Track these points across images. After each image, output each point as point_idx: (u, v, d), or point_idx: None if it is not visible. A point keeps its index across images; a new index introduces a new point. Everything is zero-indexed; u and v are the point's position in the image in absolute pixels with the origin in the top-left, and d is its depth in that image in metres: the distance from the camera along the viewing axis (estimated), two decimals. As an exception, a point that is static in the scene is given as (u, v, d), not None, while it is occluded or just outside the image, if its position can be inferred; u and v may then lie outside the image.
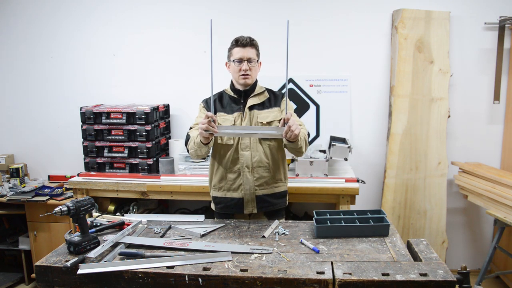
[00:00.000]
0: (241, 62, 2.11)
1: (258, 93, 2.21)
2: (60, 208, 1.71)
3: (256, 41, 2.18)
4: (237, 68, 2.12)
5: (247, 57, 2.11)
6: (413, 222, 3.15)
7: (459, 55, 3.09)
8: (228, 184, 2.19)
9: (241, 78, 2.13)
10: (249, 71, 2.12)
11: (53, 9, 3.34)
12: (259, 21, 3.17)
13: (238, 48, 2.12)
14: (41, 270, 1.62)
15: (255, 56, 2.14)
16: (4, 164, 3.46)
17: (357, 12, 3.11)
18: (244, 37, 2.13)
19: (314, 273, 1.50)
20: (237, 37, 2.14)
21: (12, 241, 3.32)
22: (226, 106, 2.20)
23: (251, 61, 2.12)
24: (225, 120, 2.16)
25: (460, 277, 1.57)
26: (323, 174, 2.80)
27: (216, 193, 2.25)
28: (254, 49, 2.14)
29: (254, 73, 2.17)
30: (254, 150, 2.15)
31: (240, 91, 2.19)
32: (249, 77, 2.13)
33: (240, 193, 2.18)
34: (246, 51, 2.11)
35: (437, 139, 3.09)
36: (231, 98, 2.21)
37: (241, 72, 2.11)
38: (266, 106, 2.20)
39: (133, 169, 3.01)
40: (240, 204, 2.19)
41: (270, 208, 2.23)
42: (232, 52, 2.15)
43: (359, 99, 3.19)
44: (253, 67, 2.13)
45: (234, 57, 2.12)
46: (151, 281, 1.54)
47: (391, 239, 1.83)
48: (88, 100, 3.34)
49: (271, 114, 2.18)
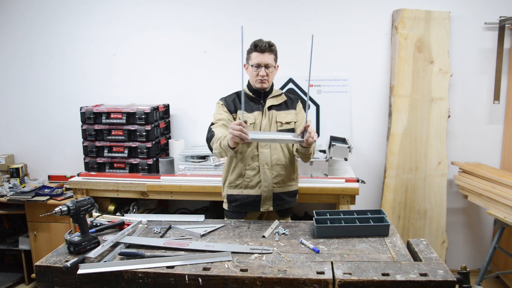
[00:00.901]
0: (258, 67, 2.15)
1: (276, 95, 2.28)
2: (60, 208, 1.71)
3: (275, 46, 2.21)
4: (255, 72, 2.16)
5: (265, 63, 2.14)
6: (413, 222, 3.15)
7: (459, 55, 3.09)
8: (246, 182, 2.22)
9: (258, 82, 2.18)
10: (266, 76, 2.16)
11: (53, 9, 3.34)
12: (259, 21, 3.17)
13: (256, 53, 2.14)
14: (41, 270, 1.62)
15: (272, 62, 2.18)
16: (4, 164, 3.46)
17: (357, 12, 3.11)
18: (263, 42, 2.15)
19: (314, 273, 1.50)
20: (256, 41, 2.17)
21: (12, 241, 3.32)
22: (246, 105, 2.23)
23: (269, 66, 2.16)
24: (246, 118, 2.16)
25: (460, 277, 1.57)
26: (323, 174, 2.80)
27: (232, 190, 2.25)
28: (272, 55, 2.17)
29: (271, 78, 2.22)
30: (273, 148, 2.21)
31: (259, 92, 2.24)
32: (266, 82, 2.19)
33: (258, 190, 2.21)
34: (264, 57, 2.14)
35: (437, 139, 3.09)
36: (250, 98, 2.26)
37: (258, 77, 2.16)
38: (283, 108, 2.27)
39: (133, 169, 3.01)
40: (257, 201, 2.23)
41: (284, 206, 2.28)
42: (250, 56, 2.18)
43: (359, 99, 3.19)
44: (270, 72, 2.18)
45: (253, 61, 2.16)
46: (151, 281, 1.54)
47: (391, 239, 1.83)
48: (88, 100, 3.34)
49: (289, 115, 2.26)
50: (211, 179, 2.75)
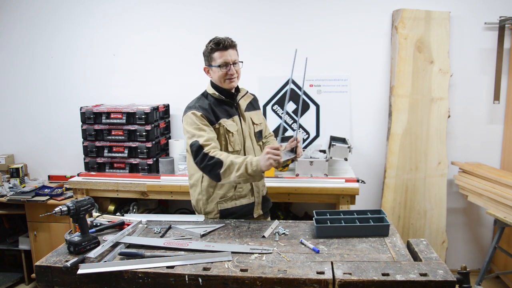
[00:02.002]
0: (226, 66, 2.00)
1: (244, 94, 2.16)
2: (60, 208, 1.71)
3: (235, 40, 2.07)
4: (223, 72, 2.01)
5: (232, 60, 2.00)
6: (413, 222, 3.15)
7: (459, 55, 3.09)
8: (239, 192, 2.12)
9: (227, 82, 2.03)
10: (236, 74, 2.03)
11: (53, 9, 3.34)
12: (258, 21, 3.17)
13: (219, 52, 1.99)
14: (41, 270, 1.62)
15: (238, 57, 2.05)
16: (4, 164, 3.46)
17: (357, 12, 3.11)
18: (223, 38, 2.00)
19: (314, 273, 1.50)
20: (216, 40, 2.01)
21: (12, 241, 3.32)
22: (222, 110, 2.06)
23: (236, 62, 2.03)
24: (231, 125, 2.05)
25: (460, 277, 1.57)
26: (323, 174, 2.80)
27: (225, 204, 2.12)
28: (235, 50, 2.04)
29: (240, 75, 2.08)
30: (257, 152, 2.16)
31: (230, 93, 2.09)
32: (235, 80, 2.05)
33: (251, 197, 2.16)
34: (229, 54, 2.00)
35: (437, 139, 3.09)
36: (222, 101, 2.08)
37: (227, 76, 2.01)
38: (253, 108, 2.20)
39: (133, 169, 3.01)
40: (251, 209, 2.18)
41: (266, 208, 2.29)
42: (213, 57, 2.02)
43: (359, 99, 3.19)
44: (238, 69, 2.05)
45: (217, 62, 2.00)
46: (151, 281, 1.54)
47: (391, 239, 1.83)
48: (88, 100, 3.34)
49: (259, 116, 2.20)
50: (211, 179, 2.75)
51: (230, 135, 2.03)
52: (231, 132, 2.04)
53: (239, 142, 2.07)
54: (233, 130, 2.04)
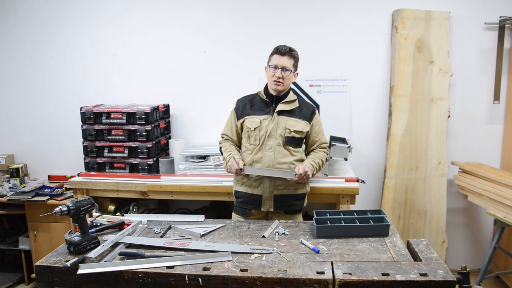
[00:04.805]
0: (275, 69, 2.21)
1: (289, 101, 2.30)
2: (60, 208, 1.71)
3: (296, 52, 2.27)
4: (271, 73, 2.23)
5: (282, 65, 2.20)
6: (413, 222, 3.15)
7: (459, 55, 3.09)
8: (250, 181, 2.29)
9: (273, 83, 2.23)
10: (282, 79, 2.21)
11: (53, 9, 3.34)
12: (258, 21, 3.17)
13: (276, 55, 2.23)
14: (41, 270, 1.62)
15: (290, 66, 2.23)
16: (4, 164, 3.46)
17: (357, 12, 3.11)
18: (285, 46, 2.24)
19: (314, 273, 1.50)
20: (279, 45, 2.25)
21: (12, 241, 3.32)
22: (256, 108, 2.31)
23: (285, 69, 2.21)
24: (252, 122, 2.27)
25: (460, 277, 1.57)
26: (323, 174, 2.80)
27: (239, 187, 2.35)
28: (291, 60, 2.23)
29: (287, 82, 2.26)
30: (277, 151, 2.24)
31: (272, 96, 2.29)
32: (281, 85, 2.23)
33: (260, 190, 2.28)
34: (282, 60, 2.21)
35: (437, 139, 3.09)
36: (262, 101, 2.32)
37: (274, 78, 2.22)
38: (295, 115, 2.29)
39: (133, 169, 3.01)
40: (258, 201, 2.28)
41: (286, 208, 2.32)
42: (270, 58, 2.26)
43: (359, 99, 3.19)
44: (286, 76, 2.22)
45: (271, 63, 2.24)
46: (151, 281, 1.55)
47: (391, 239, 1.83)
48: (88, 100, 3.34)
49: (299, 124, 2.28)
50: (211, 179, 2.75)
51: (250, 130, 2.28)
52: (250, 128, 2.28)
53: (258, 138, 2.26)
54: (252, 126, 2.27)
